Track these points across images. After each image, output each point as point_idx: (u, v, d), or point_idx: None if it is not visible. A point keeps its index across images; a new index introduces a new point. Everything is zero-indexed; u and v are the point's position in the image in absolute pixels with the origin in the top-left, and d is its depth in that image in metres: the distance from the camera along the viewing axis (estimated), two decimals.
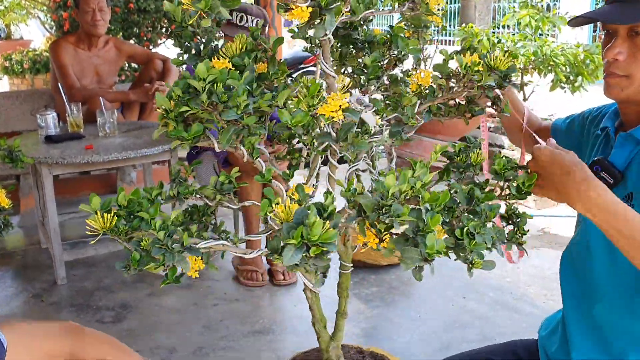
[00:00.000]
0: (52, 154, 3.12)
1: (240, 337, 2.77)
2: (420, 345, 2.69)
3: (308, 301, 1.52)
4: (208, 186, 1.36)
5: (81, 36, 4.23)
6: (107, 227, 1.11)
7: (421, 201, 1.05)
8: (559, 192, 1.19)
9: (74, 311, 3.03)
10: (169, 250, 1.11)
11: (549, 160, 1.20)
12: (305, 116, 1.10)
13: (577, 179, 1.15)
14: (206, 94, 1.11)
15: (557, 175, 1.18)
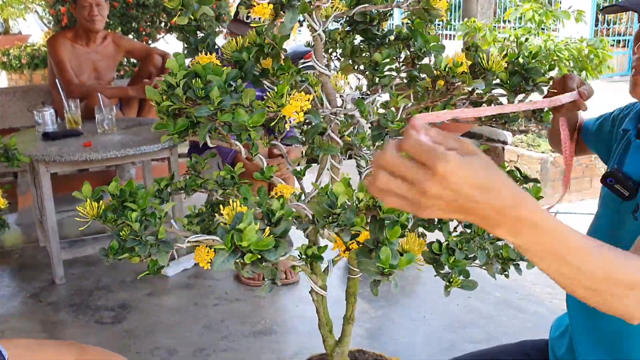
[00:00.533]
0: (49, 151, 3.07)
1: (241, 337, 2.72)
2: (425, 346, 2.65)
3: (314, 303, 1.48)
4: (210, 179, 1.32)
5: (79, 31, 4.16)
6: (96, 214, 1.11)
7: (381, 211, 0.99)
8: (470, 214, 0.76)
9: (72, 311, 2.98)
10: (142, 242, 1.10)
11: (458, 174, 0.71)
12: (261, 116, 1.05)
13: (502, 196, 0.74)
14: (182, 89, 1.08)
15: (468, 193, 0.72)
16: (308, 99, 1.07)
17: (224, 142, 1.21)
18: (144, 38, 6.33)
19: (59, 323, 2.88)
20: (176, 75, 1.08)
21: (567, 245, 0.82)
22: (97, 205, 1.11)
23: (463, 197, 0.71)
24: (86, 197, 1.13)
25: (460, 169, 0.70)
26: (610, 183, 1.27)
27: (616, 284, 0.85)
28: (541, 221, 0.78)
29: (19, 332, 2.80)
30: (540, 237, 0.79)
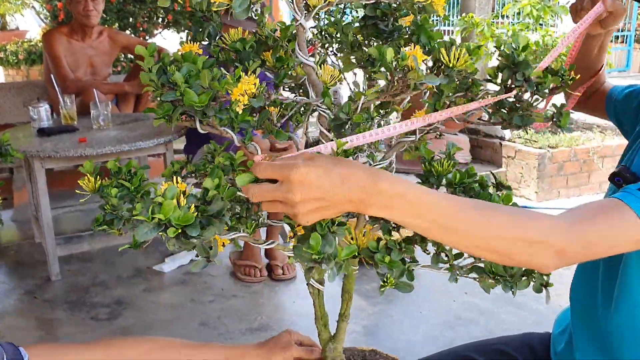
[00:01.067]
0: (44, 147, 3.05)
1: (239, 334, 2.71)
2: (424, 344, 2.63)
3: (311, 296, 1.46)
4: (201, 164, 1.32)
5: (74, 27, 4.14)
6: (94, 188, 1.15)
7: None
8: (340, 205, 0.81)
9: (68, 308, 2.96)
10: (119, 217, 1.11)
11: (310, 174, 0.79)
12: (207, 96, 1.05)
13: (359, 177, 0.80)
14: (156, 75, 1.07)
15: (328, 187, 0.79)
16: (254, 82, 1.05)
17: (215, 130, 1.19)
18: (141, 34, 6.31)
19: (55, 320, 2.86)
20: (146, 61, 1.08)
21: (446, 213, 0.84)
22: (93, 180, 1.15)
23: (325, 191, 0.79)
24: (88, 172, 1.17)
25: (310, 169, 0.78)
26: (618, 182, 1.23)
27: (515, 242, 0.87)
28: (406, 190, 0.82)
29: (14, 329, 2.78)
30: (412, 207, 0.82)
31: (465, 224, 0.85)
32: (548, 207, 4.57)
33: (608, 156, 5.08)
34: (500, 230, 0.87)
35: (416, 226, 0.85)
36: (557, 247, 0.89)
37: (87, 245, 3.37)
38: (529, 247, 0.88)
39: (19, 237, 3.93)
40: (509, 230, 0.87)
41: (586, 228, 0.93)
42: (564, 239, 0.90)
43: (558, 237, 0.89)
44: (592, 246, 0.95)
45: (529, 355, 1.54)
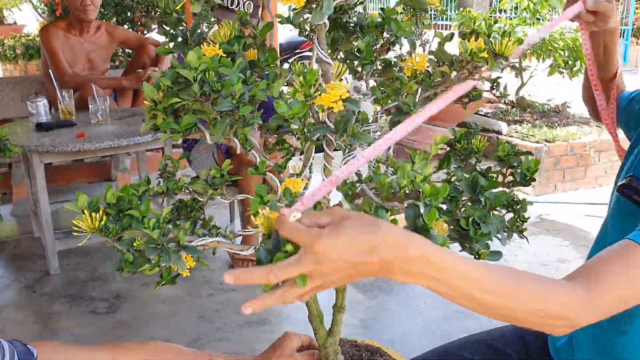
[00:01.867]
0: (43, 142, 3.06)
1: (236, 327, 2.73)
2: (421, 337, 2.65)
3: None
4: (198, 181, 1.30)
5: (72, 21, 4.14)
6: (95, 227, 1.03)
7: (422, 196, 0.98)
8: (371, 273, 0.78)
9: (66, 302, 2.98)
10: (165, 250, 1.05)
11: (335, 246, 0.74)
12: (303, 107, 1.03)
13: (389, 247, 0.76)
14: (198, 84, 1.05)
15: (356, 259, 0.75)
16: (345, 87, 1.05)
17: (225, 141, 1.19)
18: (138, 28, 6.31)
19: (54, 314, 2.88)
20: (197, 69, 1.03)
21: (472, 281, 0.82)
22: (96, 217, 1.04)
23: (354, 263, 0.75)
24: (82, 209, 1.05)
25: (335, 241, 0.73)
26: (628, 194, 1.24)
27: (539, 317, 0.87)
28: (436, 258, 0.78)
29: (13, 322, 2.80)
30: (437, 276, 0.79)
31: (493, 296, 0.84)
32: (544, 201, 4.59)
33: (604, 150, 5.09)
34: (524, 304, 0.87)
35: (443, 293, 0.82)
36: (576, 322, 0.90)
37: (86, 240, 3.38)
38: (549, 319, 0.88)
39: (18, 232, 3.95)
40: (533, 304, 0.87)
41: (606, 299, 0.93)
42: (584, 315, 0.90)
43: (579, 314, 0.90)
44: (614, 309, 0.95)
45: (523, 350, 1.54)
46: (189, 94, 1.06)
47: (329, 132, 1.12)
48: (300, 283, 0.77)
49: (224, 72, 1.06)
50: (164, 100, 1.10)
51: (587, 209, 4.50)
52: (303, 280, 0.77)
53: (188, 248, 1.09)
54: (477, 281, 0.82)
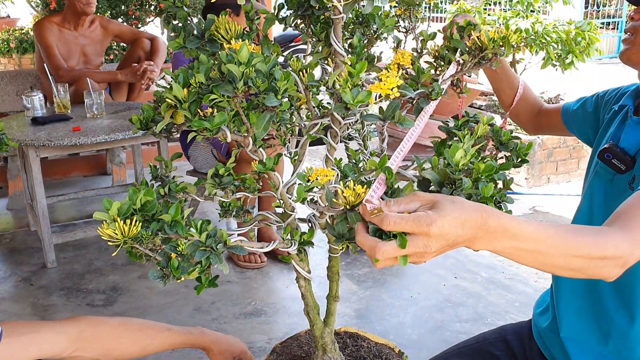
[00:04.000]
0: (38, 136, 3.07)
1: (232, 319, 2.76)
2: (414, 326, 2.69)
3: (301, 290, 1.50)
4: (205, 181, 1.33)
5: (66, 15, 4.14)
6: (130, 234, 1.02)
7: (474, 172, 1.04)
8: (457, 245, 0.88)
9: (63, 295, 3.00)
10: (214, 252, 1.07)
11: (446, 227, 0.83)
12: (368, 95, 1.07)
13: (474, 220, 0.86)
14: (243, 81, 1.07)
15: (456, 235, 0.84)
16: (398, 75, 1.10)
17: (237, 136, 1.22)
18: (133, 22, 6.31)
19: (50, 306, 2.90)
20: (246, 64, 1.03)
21: (538, 240, 0.91)
22: (130, 225, 1.02)
23: (452, 238, 0.84)
24: (112, 217, 1.02)
25: (444, 221, 0.82)
26: (607, 158, 1.36)
27: (591, 260, 0.95)
28: (509, 224, 0.88)
29: (9, 315, 2.82)
30: (512, 239, 0.89)
31: (554, 248, 0.93)
32: (537, 193, 4.62)
33: None
34: (583, 252, 0.95)
35: (511, 253, 0.92)
36: (627, 260, 0.99)
37: (82, 233, 3.40)
38: (600, 262, 0.96)
39: (14, 225, 3.96)
40: (590, 251, 0.95)
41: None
42: (633, 252, 0.99)
43: (628, 251, 0.99)
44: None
45: (505, 349, 1.62)
46: (227, 90, 1.07)
47: (378, 119, 1.16)
48: (402, 262, 0.85)
49: (260, 68, 1.09)
50: (189, 97, 1.11)
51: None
52: (405, 259, 0.84)
53: (235, 248, 1.13)
54: (543, 237, 0.91)
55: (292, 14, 1.40)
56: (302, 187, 1.23)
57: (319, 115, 1.46)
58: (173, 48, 1.31)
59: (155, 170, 1.44)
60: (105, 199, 1.05)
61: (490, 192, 1.04)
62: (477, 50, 1.29)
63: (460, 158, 1.04)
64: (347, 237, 1.07)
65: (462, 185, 1.02)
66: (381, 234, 0.86)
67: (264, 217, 1.58)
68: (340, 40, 1.33)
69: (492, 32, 1.25)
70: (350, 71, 1.12)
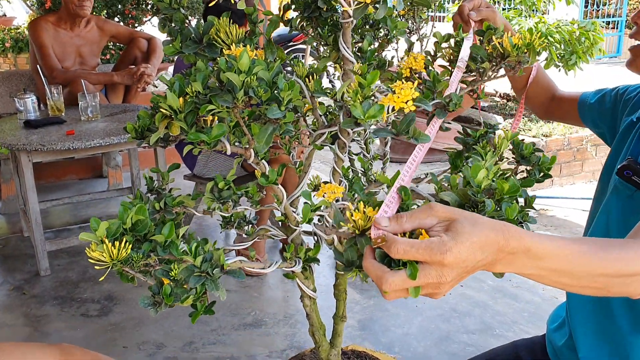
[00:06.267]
0: (30, 140, 2.97)
1: (231, 330, 2.66)
2: (420, 337, 2.60)
3: (305, 309, 1.42)
4: (206, 195, 1.24)
5: (62, 15, 4.04)
6: (119, 257, 0.93)
7: (497, 193, 0.94)
8: (475, 270, 0.79)
9: (57, 304, 2.91)
10: (210, 278, 0.98)
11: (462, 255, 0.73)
12: (380, 110, 0.97)
13: (495, 243, 0.76)
14: (244, 90, 0.97)
15: (473, 262, 0.75)
16: (414, 87, 1.00)
17: (238, 148, 1.13)
18: (129, 21, 6.21)
19: (44, 317, 2.81)
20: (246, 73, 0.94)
21: (562, 258, 0.83)
22: (119, 247, 0.93)
23: (473, 265, 0.75)
24: (100, 238, 0.93)
25: (461, 247, 0.73)
26: (627, 175, 1.29)
27: (619, 277, 0.87)
28: (532, 244, 0.79)
29: (1, 326, 2.73)
30: (535, 260, 0.80)
31: (579, 266, 0.85)
32: (542, 196, 4.54)
33: (601, 145, 5.06)
34: (608, 268, 0.87)
35: (533, 274, 0.83)
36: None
37: (77, 240, 3.31)
38: (628, 279, 0.88)
39: (7, 231, 3.87)
40: (617, 267, 0.87)
41: None
42: None
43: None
44: None
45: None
46: (225, 100, 0.98)
47: (390, 134, 1.06)
48: (413, 294, 0.76)
49: (263, 77, 0.99)
50: (186, 107, 1.02)
51: (584, 204, 4.45)
52: (416, 291, 0.75)
53: (233, 272, 1.03)
54: (568, 259, 0.83)
55: (298, 16, 1.31)
56: (308, 206, 1.15)
57: (325, 123, 1.38)
58: (169, 53, 1.21)
59: (151, 183, 1.36)
60: (92, 218, 0.95)
61: (515, 213, 0.95)
62: (499, 57, 1.20)
63: (483, 178, 0.94)
64: (357, 264, 0.98)
65: (484, 209, 0.93)
66: (390, 259, 0.77)
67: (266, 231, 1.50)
68: (349, 46, 1.24)
69: (516, 38, 1.16)
70: (361, 82, 1.03)
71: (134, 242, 1.03)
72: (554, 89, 1.67)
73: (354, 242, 0.95)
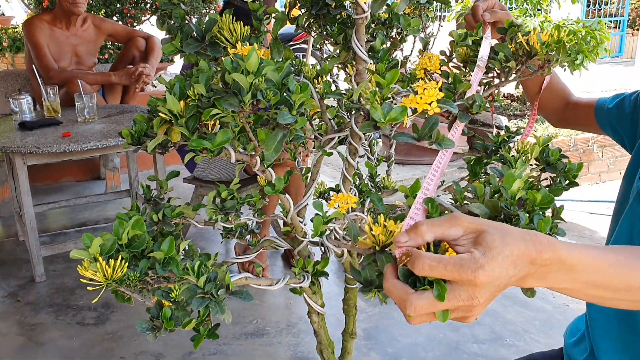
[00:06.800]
0: (25, 142, 2.88)
1: (232, 339, 2.57)
2: (427, 347, 2.50)
3: (313, 326, 1.33)
4: (208, 205, 1.15)
5: (58, 14, 3.94)
6: (114, 277, 0.86)
7: (528, 204, 0.86)
8: (507, 286, 0.70)
9: (52, 312, 2.81)
10: (215, 299, 0.90)
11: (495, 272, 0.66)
12: (403, 112, 0.87)
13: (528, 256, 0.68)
14: (251, 93, 0.88)
15: (507, 279, 0.68)
16: (438, 87, 0.90)
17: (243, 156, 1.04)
18: (128, 20, 6.12)
19: (38, 325, 2.72)
20: (257, 73, 0.85)
21: (598, 270, 0.75)
22: (114, 265, 0.85)
23: (505, 282, 0.68)
24: (93, 255, 0.86)
25: (494, 265, 0.66)
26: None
27: None
28: (565, 254, 0.71)
29: None
30: (569, 272, 0.72)
31: (617, 278, 0.77)
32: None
33: (607, 146, 4.98)
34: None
35: (566, 288, 0.75)
36: None
37: (73, 245, 3.21)
38: None
39: (2, 235, 3.77)
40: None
41: None
42: None
43: None
44: None
45: None
46: (231, 104, 0.89)
47: (413, 138, 0.97)
48: (441, 318, 0.67)
49: (272, 78, 0.90)
50: (186, 112, 0.92)
51: (590, 206, 4.37)
52: (445, 315, 0.67)
53: (239, 294, 0.94)
54: (604, 271, 0.75)
55: (305, 13, 1.22)
56: (320, 219, 1.06)
57: (334, 128, 1.29)
58: (168, 52, 1.12)
59: (148, 192, 1.27)
60: (85, 234, 0.88)
61: (548, 226, 0.86)
62: (525, 55, 1.11)
63: (518, 189, 0.85)
64: (376, 284, 0.89)
65: (518, 222, 0.84)
66: (415, 278, 0.69)
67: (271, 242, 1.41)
68: (363, 44, 1.15)
69: (545, 35, 1.07)
70: (380, 82, 0.93)
71: (131, 259, 0.95)
72: (569, 94, 1.59)
73: (373, 259, 0.86)
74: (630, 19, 13.75)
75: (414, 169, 4.55)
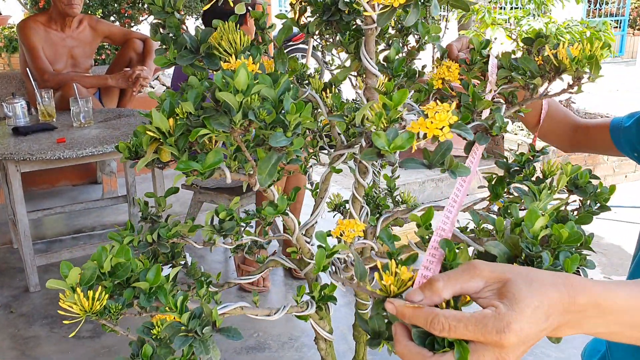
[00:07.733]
0: (19, 149, 2.79)
1: (233, 354, 2.49)
2: None
3: (320, 353, 1.25)
4: (205, 227, 1.07)
5: (53, 15, 3.85)
6: (93, 309, 0.81)
7: (553, 241, 0.78)
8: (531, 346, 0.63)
9: (46, 324, 2.73)
10: (199, 338, 0.82)
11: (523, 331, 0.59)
12: (410, 140, 0.77)
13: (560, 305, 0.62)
14: (242, 112, 0.79)
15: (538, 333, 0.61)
16: (450, 109, 0.81)
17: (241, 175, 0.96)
18: (125, 20, 6.02)
19: (32, 338, 2.63)
20: (244, 92, 0.77)
21: (636, 309, 0.68)
22: (92, 297, 0.80)
23: (536, 337, 0.61)
24: (72, 286, 0.80)
25: (523, 322, 0.59)
26: None
27: None
28: (601, 297, 0.65)
29: None
30: (606, 316, 0.66)
31: None
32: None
33: None
34: None
35: (603, 333, 0.68)
36: None
37: (68, 253, 3.12)
38: None
39: None
40: None
41: None
42: None
43: None
44: None
45: None
46: (221, 124, 0.80)
47: (423, 166, 0.87)
48: None
49: (267, 95, 0.81)
50: (176, 130, 0.84)
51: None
52: None
53: (227, 331, 0.86)
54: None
55: (316, 20, 1.13)
56: (323, 252, 0.97)
57: (344, 143, 1.20)
58: (160, 65, 1.04)
59: (145, 209, 1.19)
60: (63, 262, 0.83)
61: (575, 265, 0.77)
62: (552, 71, 1.02)
63: (541, 229, 0.76)
64: (385, 335, 0.80)
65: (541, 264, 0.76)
66: (432, 339, 0.61)
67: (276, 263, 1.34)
68: (373, 56, 1.06)
69: (575, 49, 0.98)
70: (386, 103, 0.83)
71: (115, 286, 0.88)
72: (573, 119, 1.51)
73: (383, 308, 0.77)
74: (630, 19, 13.68)
75: (417, 173, 4.46)
